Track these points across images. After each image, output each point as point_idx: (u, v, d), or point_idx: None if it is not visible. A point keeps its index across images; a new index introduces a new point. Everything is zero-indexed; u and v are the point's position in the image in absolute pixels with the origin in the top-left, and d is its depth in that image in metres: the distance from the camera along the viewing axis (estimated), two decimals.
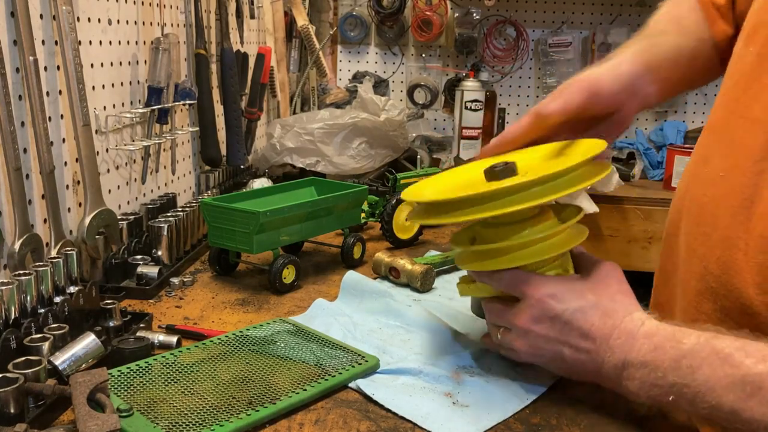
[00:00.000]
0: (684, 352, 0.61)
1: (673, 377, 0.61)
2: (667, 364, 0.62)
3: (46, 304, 0.85)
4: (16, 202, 0.90)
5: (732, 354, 0.58)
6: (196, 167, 1.55)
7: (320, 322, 0.93)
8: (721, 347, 0.59)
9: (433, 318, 0.94)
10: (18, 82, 0.92)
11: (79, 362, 0.76)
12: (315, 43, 2.13)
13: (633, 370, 0.66)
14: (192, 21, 1.43)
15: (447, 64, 2.58)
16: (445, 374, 0.80)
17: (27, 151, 0.95)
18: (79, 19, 1.05)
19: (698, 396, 0.59)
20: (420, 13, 2.42)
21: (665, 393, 0.62)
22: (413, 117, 2.33)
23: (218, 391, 0.74)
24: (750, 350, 0.57)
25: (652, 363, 0.64)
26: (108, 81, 1.16)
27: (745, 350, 0.57)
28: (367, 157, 1.73)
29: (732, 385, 0.57)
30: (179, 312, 1.00)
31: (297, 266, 1.10)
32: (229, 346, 0.85)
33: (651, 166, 2.29)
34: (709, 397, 0.58)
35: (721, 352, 0.59)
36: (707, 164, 0.76)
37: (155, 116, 1.27)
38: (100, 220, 1.05)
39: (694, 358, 0.60)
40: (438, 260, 1.17)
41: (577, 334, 0.71)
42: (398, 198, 1.29)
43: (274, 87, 2.03)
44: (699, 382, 0.59)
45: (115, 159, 1.19)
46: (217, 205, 1.09)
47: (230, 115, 1.54)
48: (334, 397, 0.76)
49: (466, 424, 0.71)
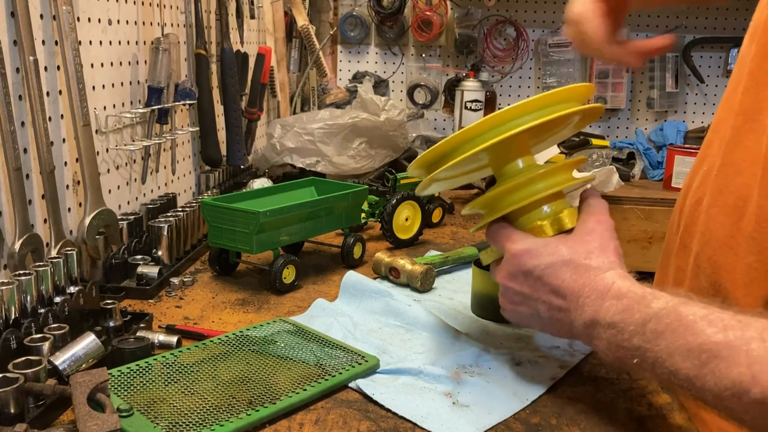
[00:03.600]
0: (650, 316, 0.61)
1: (638, 340, 0.61)
2: (633, 327, 0.62)
3: (46, 304, 0.85)
4: (16, 202, 0.90)
5: (696, 322, 0.57)
6: (196, 167, 1.55)
7: (320, 322, 0.93)
8: (685, 314, 0.58)
9: (433, 318, 0.95)
10: (18, 82, 0.92)
11: (79, 362, 0.76)
12: (315, 43, 2.13)
13: (601, 330, 0.65)
14: (192, 21, 1.43)
15: (447, 64, 2.58)
16: (445, 374, 0.80)
17: (27, 151, 0.95)
18: (79, 19, 1.05)
19: (658, 361, 0.59)
20: (420, 13, 2.42)
21: (630, 356, 0.62)
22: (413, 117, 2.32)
23: (218, 391, 0.74)
24: (713, 319, 0.56)
25: (619, 324, 0.63)
26: (108, 81, 1.16)
27: (708, 319, 0.57)
28: (367, 157, 1.73)
29: (689, 353, 0.56)
30: (179, 312, 1.00)
31: (297, 266, 1.10)
32: (229, 346, 0.85)
33: (651, 166, 2.29)
34: (668, 363, 0.58)
35: (685, 318, 0.58)
36: (705, 162, 0.76)
37: (155, 116, 1.27)
38: (100, 220, 1.05)
39: (658, 323, 0.60)
40: (438, 260, 1.17)
41: (548, 290, 0.71)
42: (398, 198, 1.30)
43: (274, 87, 2.03)
44: (660, 347, 0.59)
45: (115, 159, 1.19)
46: (217, 205, 1.09)
47: (230, 115, 1.54)
48: (334, 397, 0.77)
49: (466, 424, 0.71)
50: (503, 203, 0.77)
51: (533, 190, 0.75)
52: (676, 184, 2.03)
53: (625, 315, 0.63)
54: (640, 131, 2.50)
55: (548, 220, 0.76)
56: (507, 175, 0.78)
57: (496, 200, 0.78)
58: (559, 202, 0.77)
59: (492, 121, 0.73)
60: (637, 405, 0.76)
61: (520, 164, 0.78)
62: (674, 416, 0.74)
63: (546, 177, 0.76)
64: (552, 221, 0.76)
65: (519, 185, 0.76)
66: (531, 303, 0.74)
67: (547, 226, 0.75)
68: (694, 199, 0.75)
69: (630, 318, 0.63)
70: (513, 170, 0.78)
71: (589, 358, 0.87)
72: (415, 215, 1.34)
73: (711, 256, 0.70)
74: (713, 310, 0.58)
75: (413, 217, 1.34)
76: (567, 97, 0.76)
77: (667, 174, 2.10)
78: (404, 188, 1.39)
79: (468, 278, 1.04)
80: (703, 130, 2.43)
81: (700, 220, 0.73)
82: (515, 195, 0.76)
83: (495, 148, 0.74)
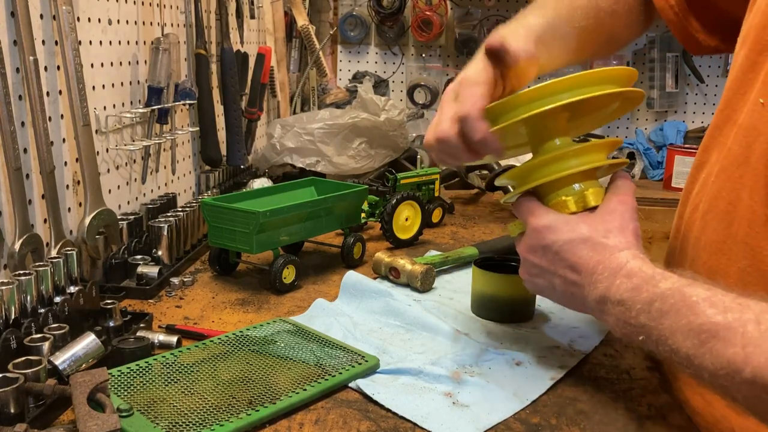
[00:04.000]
0: (656, 296, 0.63)
1: (644, 318, 0.63)
2: (640, 305, 0.64)
3: (46, 304, 0.85)
4: (16, 202, 0.90)
5: (698, 303, 0.59)
6: (196, 167, 1.55)
7: (320, 322, 0.93)
8: (689, 294, 0.60)
9: (433, 318, 0.94)
10: (18, 82, 0.92)
11: (79, 362, 0.76)
12: (315, 43, 2.12)
13: (610, 306, 0.67)
14: (192, 21, 1.43)
15: (447, 64, 2.58)
16: (445, 374, 0.80)
17: (27, 151, 0.95)
18: (79, 19, 1.05)
19: (661, 339, 0.61)
20: (420, 13, 2.42)
21: (636, 332, 0.64)
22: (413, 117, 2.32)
23: (218, 391, 0.74)
24: (715, 300, 0.58)
25: (627, 302, 0.65)
26: (108, 81, 1.16)
27: (710, 300, 0.58)
28: (367, 157, 1.73)
29: (690, 332, 0.58)
30: (179, 312, 1.00)
31: (297, 266, 1.10)
32: (229, 346, 0.85)
33: (651, 166, 2.29)
34: (670, 341, 0.60)
35: (688, 299, 0.60)
36: (704, 169, 0.76)
37: (155, 116, 1.27)
38: (100, 220, 1.05)
39: (664, 302, 0.62)
40: (438, 260, 1.17)
41: (565, 265, 0.73)
42: (398, 198, 1.30)
43: (274, 87, 2.03)
44: (664, 326, 0.61)
45: (115, 159, 1.19)
46: (217, 205, 1.09)
47: (230, 115, 1.54)
48: (334, 397, 0.77)
49: (466, 424, 0.71)
50: (533, 176, 0.78)
51: (564, 165, 0.77)
52: (676, 184, 2.03)
53: (633, 293, 0.65)
54: (640, 131, 2.50)
55: (574, 197, 0.77)
56: (543, 152, 0.79)
57: (528, 173, 0.79)
58: (589, 182, 0.78)
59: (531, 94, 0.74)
60: (637, 405, 0.76)
61: (557, 142, 0.79)
62: (674, 416, 0.74)
63: (578, 154, 0.77)
64: (577, 198, 0.77)
65: (551, 159, 0.77)
66: (548, 276, 0.76)
67: (571, 202, 0.76)
68: (693, 205, 0.76)
69: (638, 296, 0.64)
70: (549, 148, 0.79)
71: (589, 358, 0.87)
72: (415, 215, 1.34)
73: (706, 261, 0.70)
74: (716, 292, 0.59)
75: (413, 217, 1.34)
76: (610, 77, 0.76)
77: (667, 174, 2.10)
78: (404, 188, 1.39)
79: (468, 278, 1.04)
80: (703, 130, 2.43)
81: (696, 226, 0.73)
82: (546, 169, 0.77)
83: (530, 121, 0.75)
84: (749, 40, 0.70)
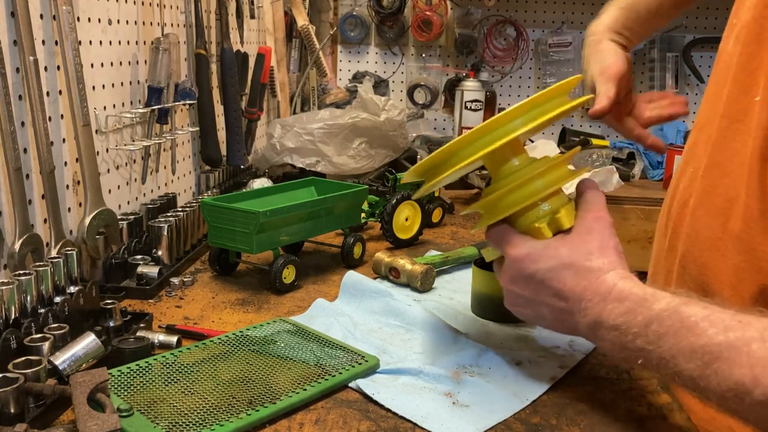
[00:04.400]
0: (652, 318, 0.61)
1: (642, 342, 0.62)
2: (636, 329, 0.62)
3: (46, 304, 0.85)
4: (16, 202, 0.90)
5: (697, 323, 0.58)
6: (196, 167, 1.55)
7: (320, 322, 0.93)
8: (687, 315, 0.59)
9: (433, 318, 0.94)
10: (18, 82, 0.92)
11: (79, 362, 0.76)
12: (315, 43, 2.13)
13: (605, 332, 0.66)
14: (192, 21, 1.43)
15: (447, 64, 2.58)
16: (445, 374, 0.80)
17: (27, 151, 0.95)
18: (79, 19, 1.05)
19: (662, 362, 0.60)
20: (420, 13, 2.42)
21: (634, 357, 0.63)
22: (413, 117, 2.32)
23: (218, 391, 0.74)
24: (714, 319, 0.57)
25: (622, 326, 0.64)
26: (108, 81, 1.16)
27: (710, 319, 0.57)
28: (367, 157, 1.73)
29: (692, 354, 0.57)
30: (179, 312, 1.00)
31: (297, 266, 1.10)
32: (229, 346, 0.85)
33: (651, 166, 2.29)
34: (671, 364, 0.59)
35: (686, 320, 0.59)
36: (691, 164, 0.75)
37: (155, 116, 1.27)
38: (100, 220, 1.05)
39: (661, 325, 0.60)
40: (438, 260, 1.17)
41: (551, 293, 0.71)
42: (398, 198, 1.29)
43: (274, 87, 2.03)
44: (664, 348, 0.59)
45: (115, 159, 1.19)
46: (217, 205, 1.09)
47: (230, 115, 1.54)
48: (334, 397, 0.77)
49: (466, 424, 0.71)
50: (501, 206, 0.77)
51: (530, 191, 0.75)
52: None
53: (627, 317, 0.64)
54: None
55: (546, 221, 0.75)
56: (503, 174, 0.78)
57: (494, 203, 0.78)
58: (556, 198, 0.77)
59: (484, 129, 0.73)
60: (637, 405, 0.76)
61: (515, 162, 0.78)
62: (674, 416, 0.74)
63: (542, 176, 0.76)
64: (549, 221, 0.75)
65: (515, 187, 0.75)
66: (535, 306, 0.74)
67: (545, 228, 0.75)
68: (681, 200, 0.75)
69: (633, 320, 0.63)
70: (509, 169, 0.78)
71: (589, 358, 0.87)
72: (415, 215, 1.34)
73: (698, 257, 0.70)
74: (714, 310, 0.58)
75: (413, 217, 1.34)
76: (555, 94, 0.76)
77: (667, 174, 2.10)
78: (404, 188, 1.39)
79: (468, 278, 1.04)
80: None
81: (686, 221, 0.73)
82: (512, 197, 0.76)
83: (489, 155, 0.74)
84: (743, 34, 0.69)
